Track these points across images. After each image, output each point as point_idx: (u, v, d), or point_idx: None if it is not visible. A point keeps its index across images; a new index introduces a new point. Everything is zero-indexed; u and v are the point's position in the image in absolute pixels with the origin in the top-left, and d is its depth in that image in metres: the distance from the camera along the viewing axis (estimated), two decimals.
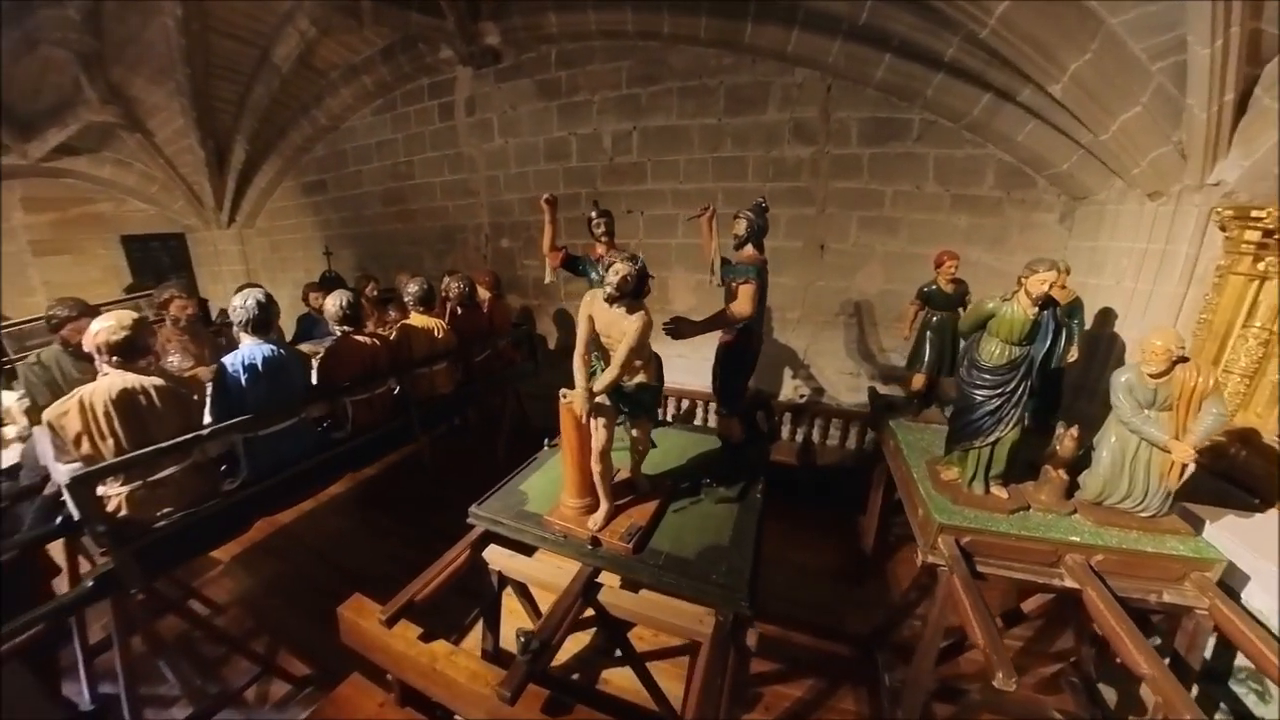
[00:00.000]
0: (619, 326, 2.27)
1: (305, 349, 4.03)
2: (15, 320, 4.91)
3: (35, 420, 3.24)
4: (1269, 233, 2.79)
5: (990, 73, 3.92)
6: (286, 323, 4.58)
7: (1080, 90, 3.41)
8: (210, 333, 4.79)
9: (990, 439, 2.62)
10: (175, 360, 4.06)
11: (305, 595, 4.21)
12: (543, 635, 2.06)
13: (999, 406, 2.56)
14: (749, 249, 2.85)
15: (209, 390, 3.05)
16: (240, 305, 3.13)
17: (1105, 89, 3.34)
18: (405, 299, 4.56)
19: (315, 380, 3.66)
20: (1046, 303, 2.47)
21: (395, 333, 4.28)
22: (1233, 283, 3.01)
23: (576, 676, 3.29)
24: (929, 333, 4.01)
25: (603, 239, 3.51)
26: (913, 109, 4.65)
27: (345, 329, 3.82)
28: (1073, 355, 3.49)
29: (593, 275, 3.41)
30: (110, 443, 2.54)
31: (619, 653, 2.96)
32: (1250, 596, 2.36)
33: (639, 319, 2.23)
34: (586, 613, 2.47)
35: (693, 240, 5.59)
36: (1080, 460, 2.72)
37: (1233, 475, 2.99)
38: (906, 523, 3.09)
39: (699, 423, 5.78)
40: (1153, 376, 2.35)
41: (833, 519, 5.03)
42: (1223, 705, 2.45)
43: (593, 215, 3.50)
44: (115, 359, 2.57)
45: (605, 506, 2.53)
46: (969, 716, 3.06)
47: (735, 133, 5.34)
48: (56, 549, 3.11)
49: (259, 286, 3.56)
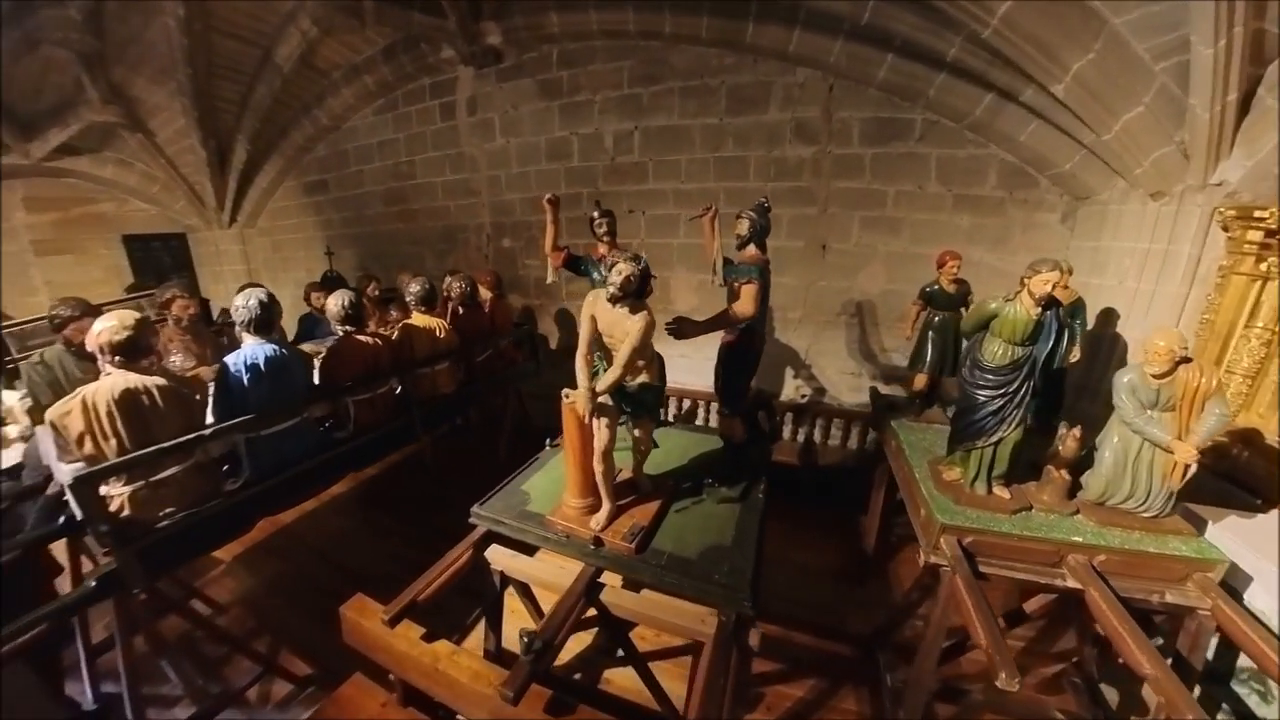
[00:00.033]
0: (622, 326, 2.27)
1: (307, 349, 4.02)
2: (18, 320, 4.91)
3: (38, 420, 3.25)
4: (1271, 233, 2.79)
5: (993, 73, 3.91)
6: (288, 322, 4.58)
7: (1083, 90, 3.40)
8: (212, 332, 4.80)
9: (993, 439, 2.62)
10: (177, 360, 4.06)
11: (307, 595, 4.21)
12: (545, 635, 2.05)
13: (1002, 407, 2.56)
14: (751, 249, 2.85)
15: (211, 390, 3.05)
16: (242, 305, 3.13)
17: (1108, 89, 3.33)
18: (407, 299, 4.57)
19: (317, 380, 3.66)
20: (1049, 303, 2.47)
21: (397, 332, 4.28)
22: (1235, 283, 3.01)
23: (578, 676, 3.29)
24: (931, 333, 4.01)
25: (605, 239, 3.50)
26: (915, 109, 4.65)
27: (347, 329, 3.82)
28: (1075, 355, 3.49)
29: (595, 275, 3.41)
30: (113, 442, 2.55)
31: (621, 653, 2.96)
32: (1253, 597, 2.35)
33: (642, 319, 2.23)
34: (589, 613, 2.47)
35: (694, 240, 5.59)
36: (1082, 460, 2.71)
37: (1235, 476, 2.99)
38: (908, 523, 3.09)
39: (700, 422, 5.78)
40: (1155, 377, 2.35)
41: (834, 519, 5.03)
42: (1225, 706, 2.45)
43: (595, 215, 3.49)
44: (118, 359, 2.58)
45: (607, 506, 2.53)
46: (971, 717, 3.06)
47: (737, 132, 5.33)
48: (59, 548, 3.12)
49: (261, 286, 3.56)
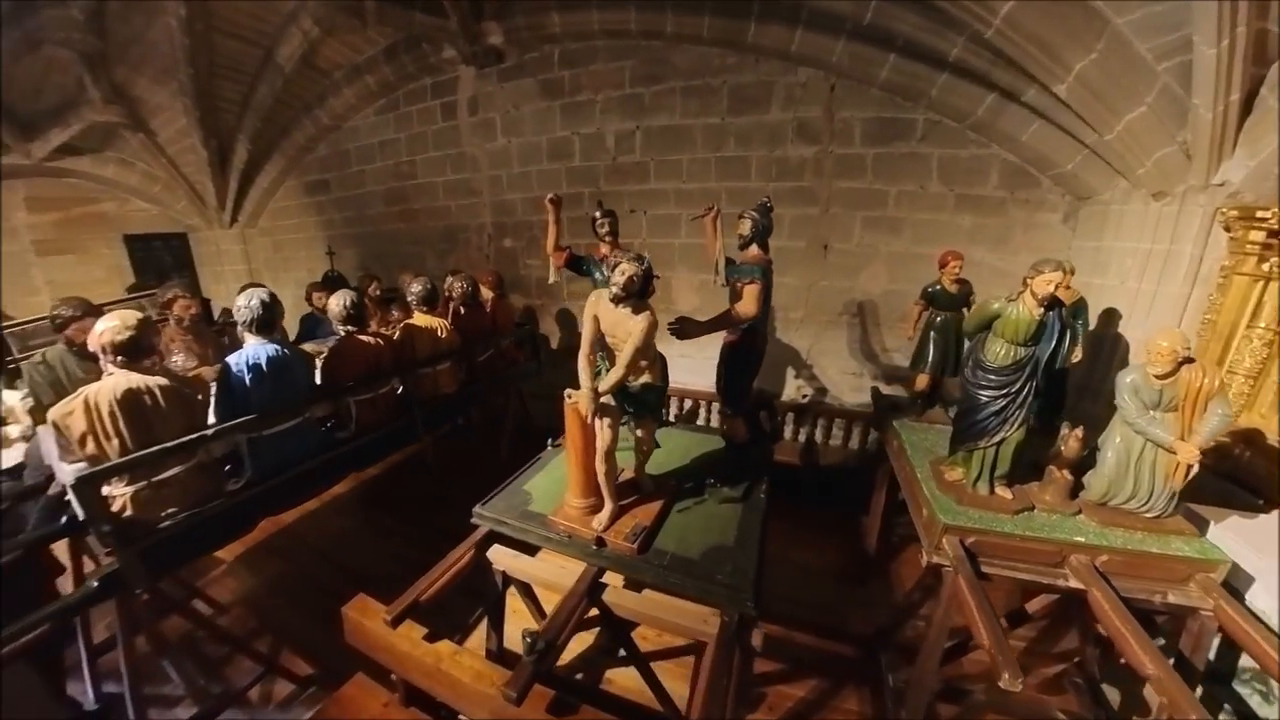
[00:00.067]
0: (624, 326, 2.27)
1: (309, 349, 4.02)
2: (20, 320, 4.92)
3: (39, 419, 3.25)
4: (1274, 233, 2.78)
5: (995, 73, 3.91)
6: (289, 322, 4.57)
7: (1085, 90, 3.40)
8: (213, 332, 4.80)
9: (995, 439, 2.62)
10: (179, 360, 4.06)
11: (308, 595, 4.22)
12: (548, 636, 2.05)
13: (1004, 407, 2.56)
14: (754, 249, 2.85)
15: (213, 390, 3.05)
16: (245, 305, 3.13)
17: (1110, 89, 3.32)
18: (409, 298, 4.56)
19: (319, 380, 3.66)
20: (1052, 303, 2.46)
21: (399, 332, 4.28)
22: (1237, 283, 3.00)
23: (580, 676, 3.30)
24: (933, 333, 4.00)
25: (607, 239, 3.50)
26: (917, 109, 4.64)
27: (349, 329, 3.82)
28: (1077, 356, 3.48)
29: (597, 275, 3.41)
30: (115, 443, 2.55)
31: (623, 653, 2.96)
32: (1255, 597, 2.34)
33: (645, 319, 2.23)
34: (591, 613, 2.47)
35: (696, 240, 5.58)
36: (1085, 461, 2.71)
37: (1237, 476, 2.98)
38: (909, 523, 3.09)
39: (702, 422, 5.78)
40: (1158, 377, 2.35)
41: (836, 519, 5.03)
42: (1227, 706, 2.45)
43: (597, 215, 3.49)
44: (120, 359, 2.58)
45: (610, 506, 2.53)
46: (973, 717, 3.06)
47: (738, 132, 5.33)
48: (60, 548, 3.12)
49: (263, 286, 3.56)
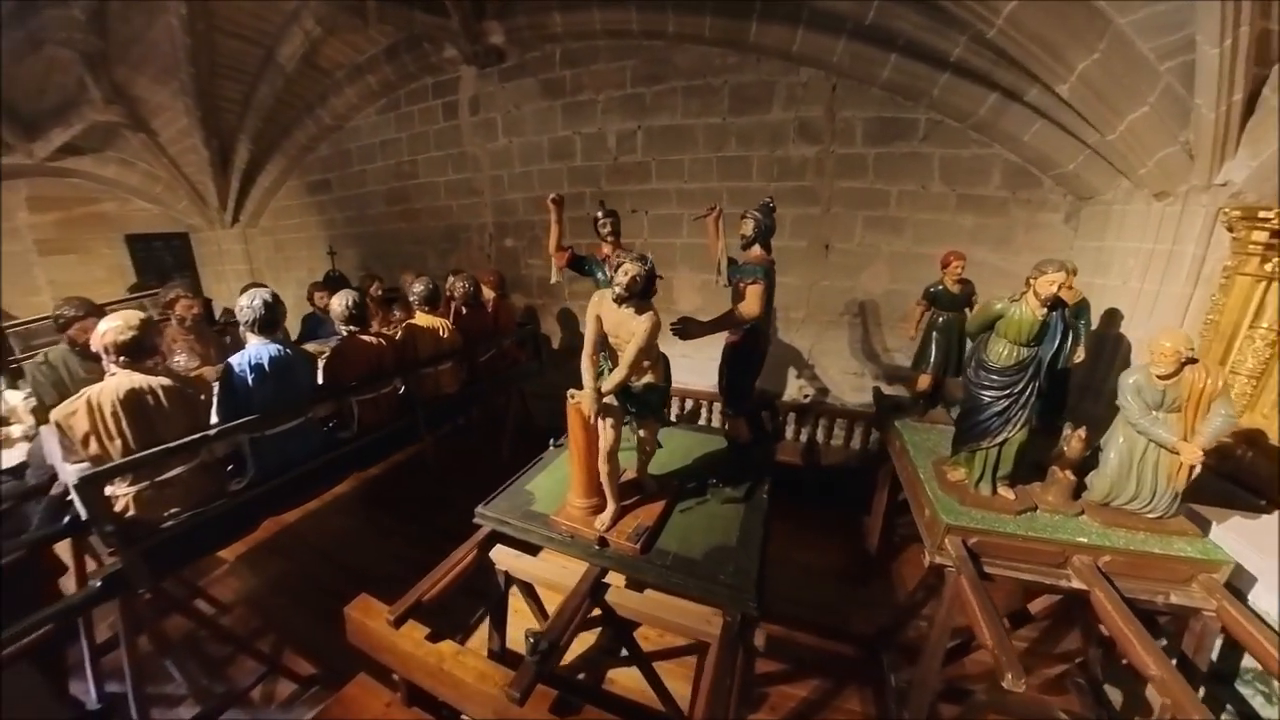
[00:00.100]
0: (627, 327, 2.27)
1: (310, 348, 4.02)
2: (22, 319, 4.92)
3: (42, 419, 3.25)
4: (1276, 233, 2.77)
5: (997, 72, 3.90)
6: (290, 322, 4.57)
7: (1088, 90, 3.39)
8: (215, 332, 4.80)
9: (998, 440, 2.61)
10: (181, 360, 4.07)
11: (310, 594, 4.22)
12: (551, 636, 2.05)
13: (1007, 408, 2.55)
14: (756, 249, 2.84)
15: (216, 390, 3.06)
16: (247, 305, 3.13)
17: (1113, 89, 3.32)
18: (410, 298, 4.57)
19: (321, 380, 3.66)
20: (1055, 304, 2.46)
21: (401, 332, 4.28)
22: (1240, 283, 2.99)
23: (582, 676, 3.30)
24: (935, 333, 4.00)
25: (609, 239, 3.50)
26: (918, 108, 4.64)
27: (351, 329, 3.82)
28: (1079, 356, 3.47)
29: (599, 275, 3.41)
30: (118, 443, 2.55)
31: (624, 652, 2.96)
32: (1257, 598, 2.34)
33: (648, 319, 2.23)
34: (593, 612, 2.47)
35: (697, 240, 5.58)
36: (1087, 461, 2.71)
37: (1239, 477, 2.98)
38: (911, 523, 3.09)
39: (703, 423, 5.78)
40: (1161, 378, 2.34)
41: (837, 519, 5.03)
42: (1229, 707, 2.45)
43: (599, 215, 3.49)
44: (123, 359, 2.58)
45: (612, 507, 2.53)
46: (975, 717, 3.06)
47: (740, 132, 5.33)
48: (63, 548, 3.13)
49: (265, 286, 3.56)
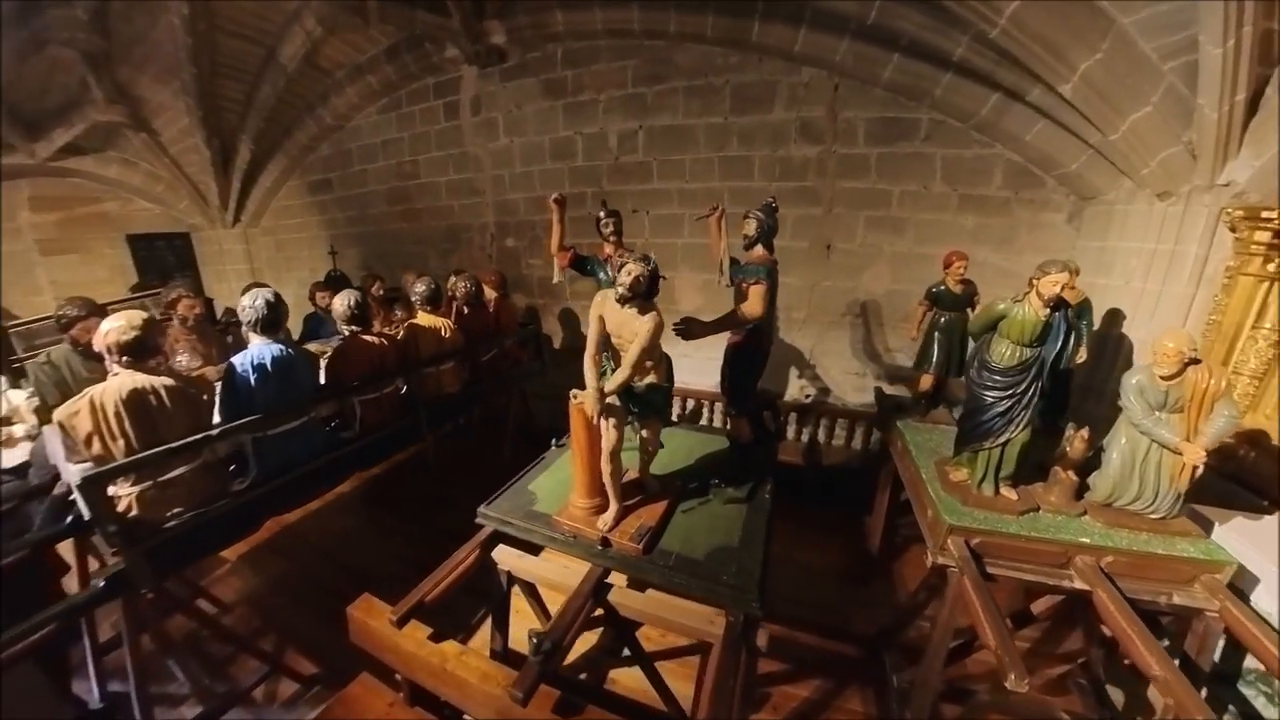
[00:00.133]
0: (630, 327, 2.27)
1: (312, 348, 4.03)
2: (24, 319, 4.93)
3: (45, 419, 3.26)
4: (1279, 233, 2.78)
5: (999, 72, 3.90)
6: (292, 322, 4.58)
7: (1090, 90, 3.39)
8: (217, 332, 4.81)
9: (1000, 440, 2.61)
10: (183, 360, 4.07)
11: (312, 594, 4.23)
12: (554, 636, 2.06)
13: (1009, 408, 2.55)
14: (759, 249, 2.84)
15: (218, 390, 3.06)
16: (249, 305, 3.13)
17: (1116, 89, 3.32)
18: (412, 298, 4.57)
19: (323, 380, 3.66)
20: (1058, 304, 2.46)
21: (403, 332, 4.28)
22: (1242, 284, 2.99)
23: (584, 676, 3.30)
24: (937, 333, 3.99)
25: (611, 239, 3.50)
26: (920, 108, 4.63)
27: (353, 329, 3.82)
28: (1082, 356, 3.48)
29: (601, 275, 3.41)
30: (121, 443, 2.55)
31: (626, 652, 2.96)
32: (1260, 599, 2.34)
33: (651, 319, 2.23)
34: (595, 613, 2.47)
35: (699, 240, 5.58)
36: (1090, 462, 2.71)
37: (1241, 477, 2.98)
38: (912, 523, 3.09)
39: (704, 423, 5.78)
40: (1164, 378, 2.34)
41: (839, 519, 5.03)
42: (1231, 708, 2.44)
43: (601, 215, 3.49)
44: (125, 359, 2.58)
45: (615, 507, 2.53)
46: (977, 717, 3.06)
47: (741, 132, 5.32)
48: (65, 547, 3.13)
49: (267, 286, 3.56)
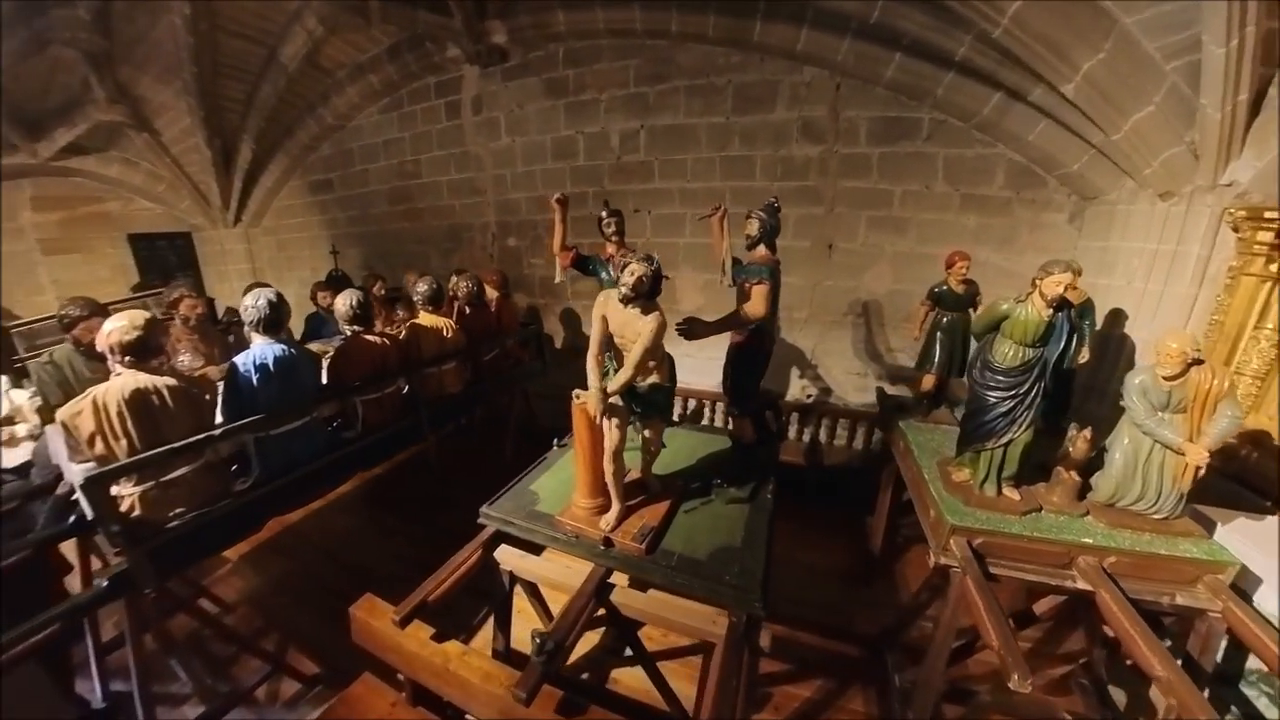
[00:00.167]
0: (633, 327, 2.27)
1: (314, 348, 4.03)
2: (26, 319, 4.93)
3: (47, 419, 3.26)
4: None
5: (1002, 72, 3.89)
6: (294, 322, 4.58)
7: (1093, 90, 3.39)
8: (218, 332, 4.81)
9: (1003, 441, 2.60)
10: (186, 360, 4.07)
11: (313, 594, 4.23)
12: (557, 636, 2.06)
13: (1012, 408, 2.55)
14: (761, 249, 2.83)
15: (220, 390, 3.06)
16: (252, 305, 3.13)
17: (1118, 88, 3.31)
18: (414, 298, 4.57)
19: (325, 380, 3.66)
20: (1061, 304, 2.46)
21: (405, 332, 4.28)
22: (1245, 284, 2.99)
23: (586, 676, 3.31)
24: (939, 333, 3.99)
25: (613, 239, 3.49)
26: (922, 108, 4.63)
27: (356, 328, 3.82)
28: (1084, 356, 3.47)
29: (603, 275, 3.40)
30: (123, 443, 2.55)
31: (628, 652, 2.96)
32: (1262, 599, 2.34)
33: (654, 319, 2.23)
34: (598, 613, 2.47)
35: (700, 240, 5.58)
36: (1092, 462, 2.71)
37: (1244, 477, 2.98)
38: (914, 524, 3.09)
39: (706, 422, 5.78)
40: (1167, 379, 2.34)
41: (840, 519, 5.03)
42: (1234, 709, 2.44)
43: (603, 215, 3.48)
44: (128, 359, 2.58)
45: (617, 507, 2.53)
46: (979, 717, 3.06)
47: (743, 131, 5.32)
48: (68, 547, 3.13)
49: (269, 286, 3.56)
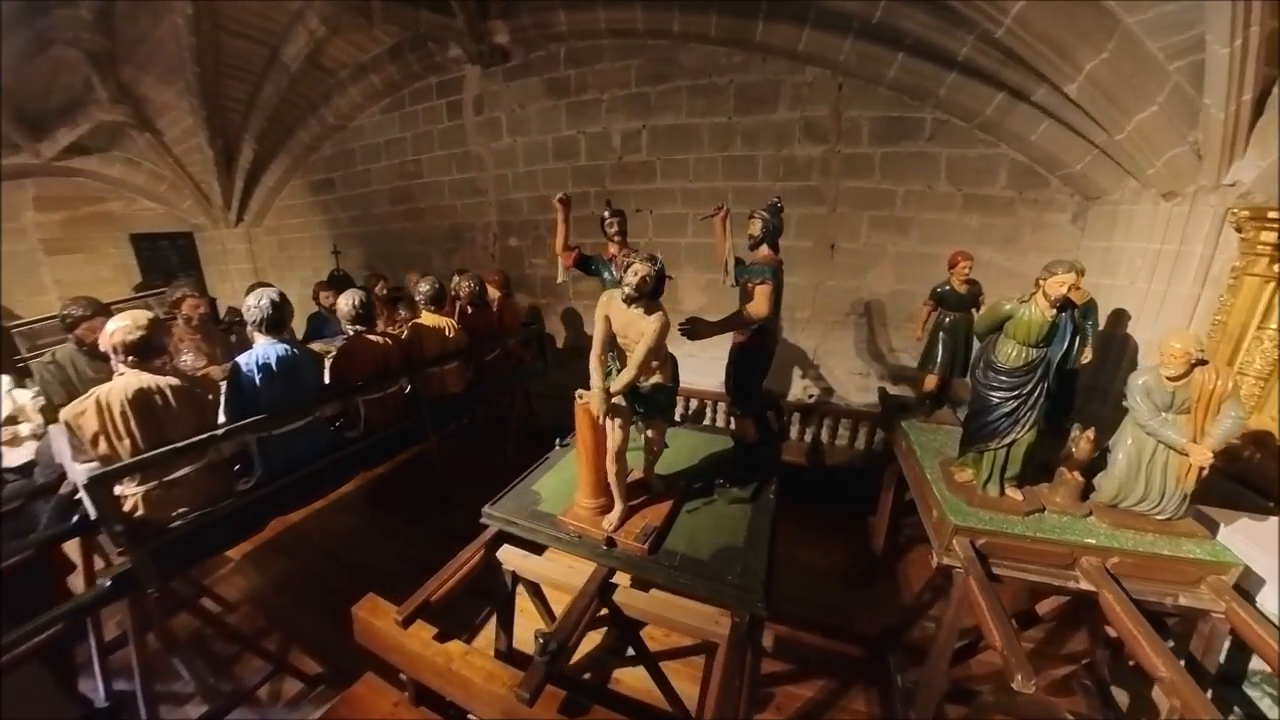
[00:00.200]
0: (636, 327, 2.27)
1: (316, 348, 4.04)
2: (29, 319, 4.94)
3: (50, 418, 3.27)
4: None
5: (1004, 72, 3.89)
6: (296, 322, 4.58)
7: (1096, 90, 3.38)
8: (221, 331, 4.82)
9: (1006, 441, 2.60)
10: (188, 359, 4.08)
11: (315, 593, 4.24)
12: (560, 636, 2.06)
13: (1015, 409, 2.55)
14: (764, 249, 2.83)
15: (223, 390, 3.06)
16: (254, 305, 3.13)
17: (1121, 88, 3.31)
18: (416, 298, 4.57)
19: (328, 379, 3.66)
20: (1064, 304, 2.45)
21: (407, 332, 4.28)
22: (1248, 284, 2.99)
23: (588, 676, 3.31)
24: (942, 333, 3.98)
25: (615, 238, 3.50)
26: (925, 108, 4.62)
27: (358, 328, 3.82)
28: (1087, 357, 3.46)
29: (605, 275, 3.40)
30: (127, 442, 2.55)
31: (631, 652, 2.97)
32: (1265, 600, 2.34)
33: (657, 319, 2.23)
34: (600, 612, 2.47)
35: (702, 240, 5.58)
36: (1095, 462, 2.70)
37: (1247, 478, 2.97)
38: (917, 524, 3.09)
39: (708, 422, 5.78)
40: (1171, 379, 2.34)
41: (842, 519, 5.03)
42: (1236, 709, 2.44)
43: (606, 215, 3.48)
44: (131, 359, 2.58)
45: (620, 507, 2.53)
46: (981, 718, 3.06)
47: (745, 131, 5.31)
48: (71, 546, 3.13)
49: (271, 286, 3.57)
